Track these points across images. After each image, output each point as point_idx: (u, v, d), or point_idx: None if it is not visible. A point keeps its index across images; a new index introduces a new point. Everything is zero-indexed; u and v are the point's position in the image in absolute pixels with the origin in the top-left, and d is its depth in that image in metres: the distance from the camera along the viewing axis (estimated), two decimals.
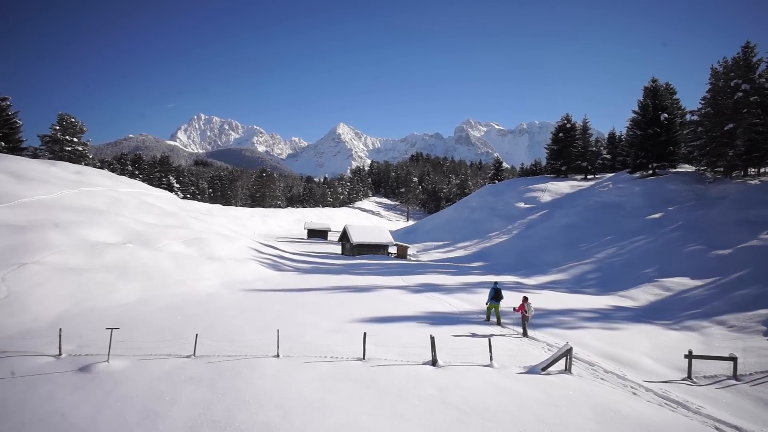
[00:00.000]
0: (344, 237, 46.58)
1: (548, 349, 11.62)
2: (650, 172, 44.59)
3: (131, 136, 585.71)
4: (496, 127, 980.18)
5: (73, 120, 49.54)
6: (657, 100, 43.86)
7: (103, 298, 15.21)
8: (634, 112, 45.94)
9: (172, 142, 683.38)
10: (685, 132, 41.24)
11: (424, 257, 45.06)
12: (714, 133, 34.90)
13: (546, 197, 53.77)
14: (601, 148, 61.59)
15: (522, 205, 53.77)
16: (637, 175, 45.71)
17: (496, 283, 16.03)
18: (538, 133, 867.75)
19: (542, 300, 19.66)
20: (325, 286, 21.68)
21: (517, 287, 23.91)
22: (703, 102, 37.10)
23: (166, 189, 79.05)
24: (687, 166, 45.09)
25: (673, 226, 30.55)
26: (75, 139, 49.03)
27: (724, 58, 36.23)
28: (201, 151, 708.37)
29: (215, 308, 15.31)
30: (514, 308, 14.16)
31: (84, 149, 50.33)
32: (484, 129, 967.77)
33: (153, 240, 23.16)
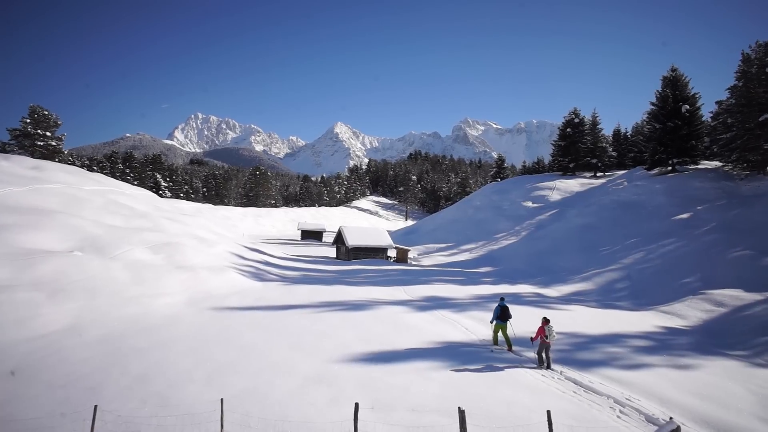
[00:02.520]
0: (339, 239, 43.00)
1: (620, 411, 8.15)
2: (669, 168, 41.19)
3: (128, 135, 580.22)
4: (494, 126, 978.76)
5: (47, 113, 45.78)
6: (677, 91, 40.42)
7: (17, 327, 11.65)
8: (652, 104, 42.50)
9: (169, 142, 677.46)
10: (713, 124, 37.78)
11: (427, 261, 41.57)
12: (747, 124, 31.57)
13: (555, 196, 50.40)
14: (607, 146, 58.19)
15: (530, 204, 50.37)
16: (655, 171, 42.33)
17: (502, 298, 13.21)
18: (536, 132, 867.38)
19: (575, 320, 16.23)
20: (313, 301, 18.16)
21: (539, 300, 20.47)
22: (731, 91, 33.75)
23: (153, 188, 75.35)
24: (707, 162, 41.72)
25: (707, 227, 27.20)
26: (48, 134, 45.33)
27: (757, 42, 32.85)
28: (198, 150, 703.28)
29: (165, 340, 11.78)
30: (531, 338, 11.18)
31: (58, 144, 46.64)
32: (482, 128, 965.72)
33: (110, 246, 19.60)
